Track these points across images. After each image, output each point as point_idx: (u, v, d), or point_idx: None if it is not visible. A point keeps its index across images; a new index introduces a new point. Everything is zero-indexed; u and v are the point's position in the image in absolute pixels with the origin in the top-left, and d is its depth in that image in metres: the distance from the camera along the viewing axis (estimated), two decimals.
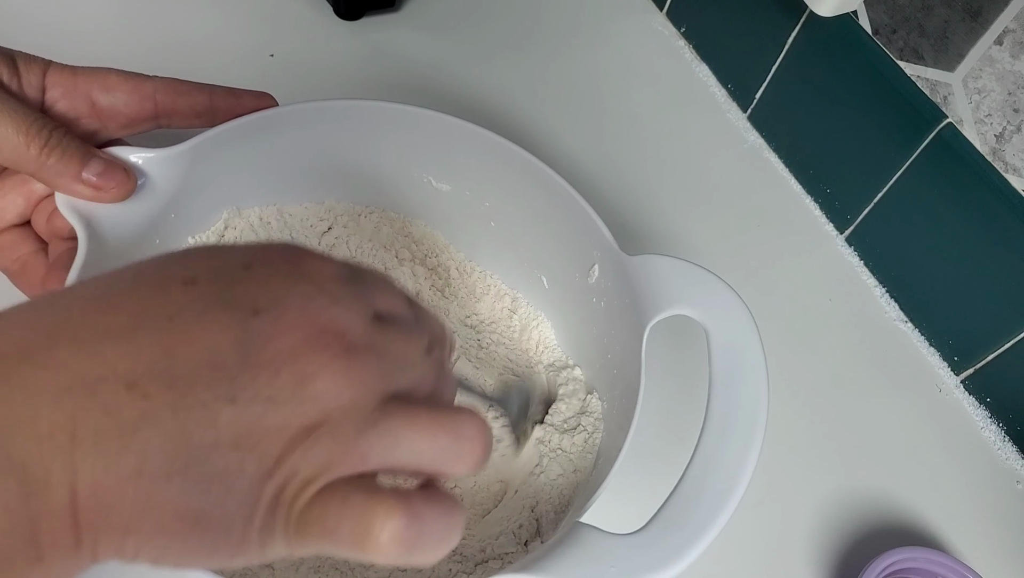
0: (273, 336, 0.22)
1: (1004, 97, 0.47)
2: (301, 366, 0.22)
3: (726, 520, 0.33)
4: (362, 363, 0.22)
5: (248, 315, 0.22)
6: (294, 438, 0.21)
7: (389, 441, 0.23)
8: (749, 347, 0.37)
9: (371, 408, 0.22)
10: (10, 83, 0.37)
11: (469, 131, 0.44)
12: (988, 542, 0.48)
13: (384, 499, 0.22)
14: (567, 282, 0.45)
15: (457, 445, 0.24)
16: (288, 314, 0.22)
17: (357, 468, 0.22)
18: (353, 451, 0.22)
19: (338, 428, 0.22)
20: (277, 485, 0.21)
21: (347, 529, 0.22)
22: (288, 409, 0.21)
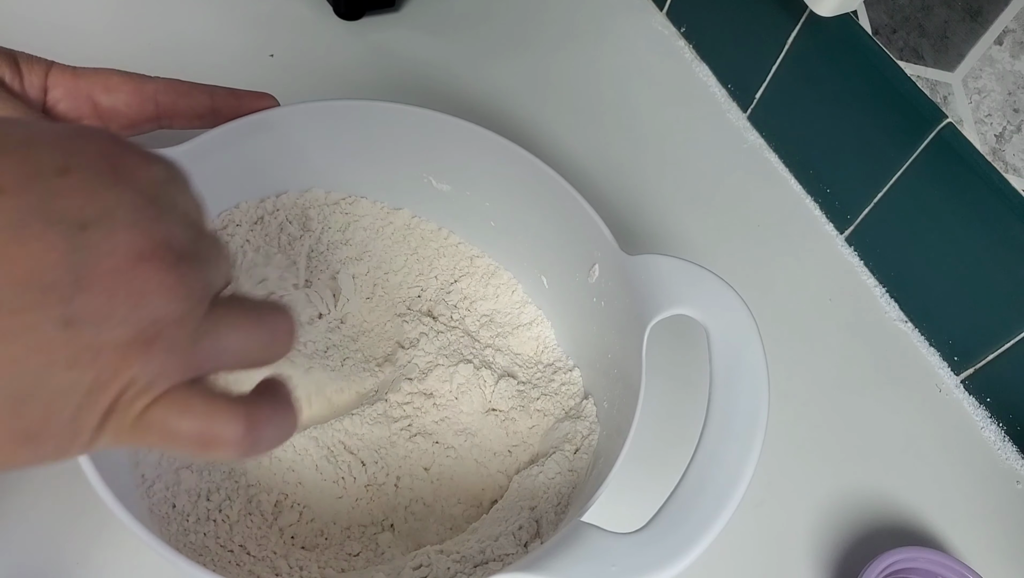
0: (106, 252, 0.21)
1: (1004, 97, 0.47)
2: (138, 283, 0.21)
3: (727, 520, 0.33)
4: (193, 274, 0.23)
5: (76, 229, 0.21)
6: (130, 351, 0.22)
7: (219, 346, 0.24)
8: (750, 347, 0.37)
9: (201, 315, 0.23)
10: (12, 84, 0.37)
11: (469, 131, 0.44)
12: (988, 542, 0.48)
13: (224, 406, 0.23)
14: (567, 282, 0.45)
15: (274, 339, 0.26)
16: (119, 229, 0.21)
17: (192, 374, 0.23)
18: (189, 360, 0.23)
19: (174, 339, 0.22)
20: (112, 396, 0.22)
21: (189, 434, 0.23)
22: (125, 327, 0.21)
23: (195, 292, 0.23)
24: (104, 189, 0.22)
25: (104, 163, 0.22)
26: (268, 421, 0.24)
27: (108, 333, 0.21)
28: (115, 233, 0.21)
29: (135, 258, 0.21)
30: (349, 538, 0.40)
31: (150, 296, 0.22)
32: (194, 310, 0.23)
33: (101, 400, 0.22)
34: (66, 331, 0.20)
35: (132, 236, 0.21)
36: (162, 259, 0.22)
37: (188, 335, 0.23)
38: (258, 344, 0.25)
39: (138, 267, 0.21)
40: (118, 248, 0.21)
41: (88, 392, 0.21)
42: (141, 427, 0.23)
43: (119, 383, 0.22)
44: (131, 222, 0.22)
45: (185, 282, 0.22)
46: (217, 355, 0.24)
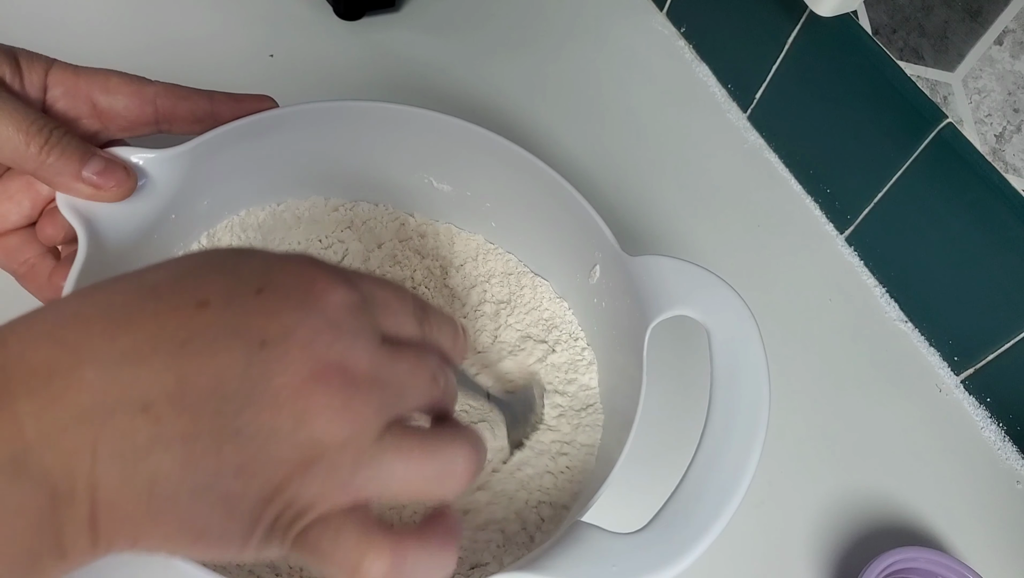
0: (278, 372, 0.22)
1: (1004, 97, 0.47)
2: (302, 403, 0.22)
3: (727, 520, 0.33)
4: (363, 399, 0.23)
5: (256, 347, 0.22)
6: (292, 470, 0.22)
7: (382, 476, 0.24)
8: (750, 347, 0.37)
9: (368, 443, 0.23)
10: (12, 82, 0.37)
11: (470, 131, 0.44)
12: (988, 542, 0.48)
13: (374, 538, 0.24)
14: (569, 283, 0.45)
15: (444, 475, 0.25)
16: (294, 349, 0.23)
17: (351, 500, 0.24)
18: (348, 486, 0.23)
19: (335, 464, 0.23)
20: (275, 511, 0.23)
21: (338, 560, 0.23)
22: (288, 444, 0.22)
23: (363, 418, 0.23)
24: (289, 310, 0.23)
25: (295, 286, 0.24)
26: (417, 558, 0.24)
27: (272, 449, 0.22)
28: (289, 353, 0.23)
29: (305, 377, 0.22)
30: None
31: (313, 418, 0.22)
32: (359, 435, 0.23)
33: (265, 513, 0.23)
34: (235, 440, 0.22)
35: (303, 357, 0.23)
36: (330, 383, 0.23)
37: (350, 462, 0.23)
38: (426, 478, 0.25)
39: (305, 388, 0.22)
40: (289, 367, 0.22)
41: (254, 503, 0.22)
42: (300, 544, 0.23)
43: (281, 500, 0.23)
44: (306, 343, 0.23)
45: (352, 407, 0.23)
46: (379, 483, 0.24)
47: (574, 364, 0.45)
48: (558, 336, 0.46)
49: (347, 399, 0.23)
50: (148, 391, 0.22)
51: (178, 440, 0.22)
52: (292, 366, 0.22)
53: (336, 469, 0.23)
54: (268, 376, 0.22)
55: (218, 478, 0.22)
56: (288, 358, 0.22)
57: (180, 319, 0.22)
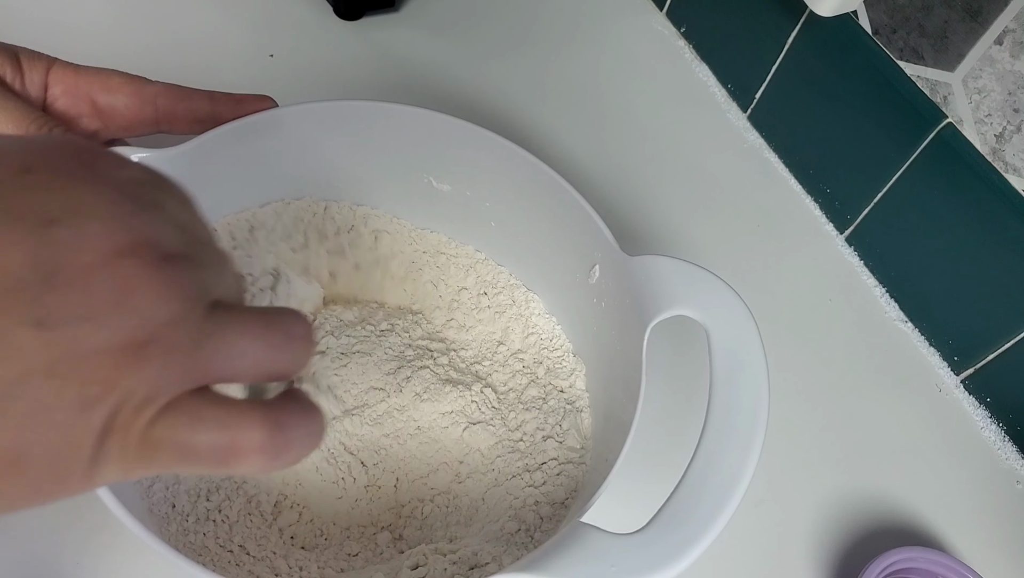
0: (79, 248, 0.19)
1: (1004, 97, 0.47)
2: (117, 279, 0.19)
3: (727, 520, 0.33)
4: (183, 271, 0.21)
5: (43, 226, 0.19)
6: (120, 358, 0.19)
7: (226, 349, 0.21)
8: (750, 347, 0.37)
9: (200, 318, 0.21)
10: (13, 80, 0.37)
11: (469, 131, 0.44)
12: (988, 542, 0.48)
13: (242, 411, 0.21)
14: (568, 282, 0.45)
15: (289, 344, 0.23)
16: (92, 223, 0.19)
17: (198, 381, 0.21)
18: (193, 365, 0.21)
19: (171, 343, 0.20)
20: (108, 411, 0.20)
21: (205, 445, 0.21)
22: (109, 329, 0.19)
23: (188, 293, 0.21)
24: (74, 185, 0.20)
25: (74, 162, 0.21)
26: (293, 422, 0.22)
27: (91, 336, 0.19)
28: (87, 227, 0.19)
29: (113, 253, 0.19)
30: (348, 538, 0.40)
31: (134, 295, 0.20)
32: (190, 312, 0.20)
33: (94, 416, 0.19)
34: (39, 333, 0.18)
35: (108, 231, 0.20)
36: (144, 256, 0.20)
37: (187, 338, 0.20)
38: (272, 348, 0.22)
39: (117, 264, 0.19)
40: (92, 243, 0.19)
41: (77, 407, 0.19)
42: (149, 446, 0.20)
43: (114, 396, 0.19)
44: (105, 216, 0.20)
45: (175, 280, 0.20)
46: (225, 359, 0.21)
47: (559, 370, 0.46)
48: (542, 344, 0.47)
49: (167, 275, 0.20)
50: None
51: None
52: (94, 241, 0.19)
53: (173, 348, 0.20)
54: (67, 256, 0.19)
55: (24, 384, 0.18)
56: (86, 233, 0.19)
57: None
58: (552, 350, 0.47)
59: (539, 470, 0.42)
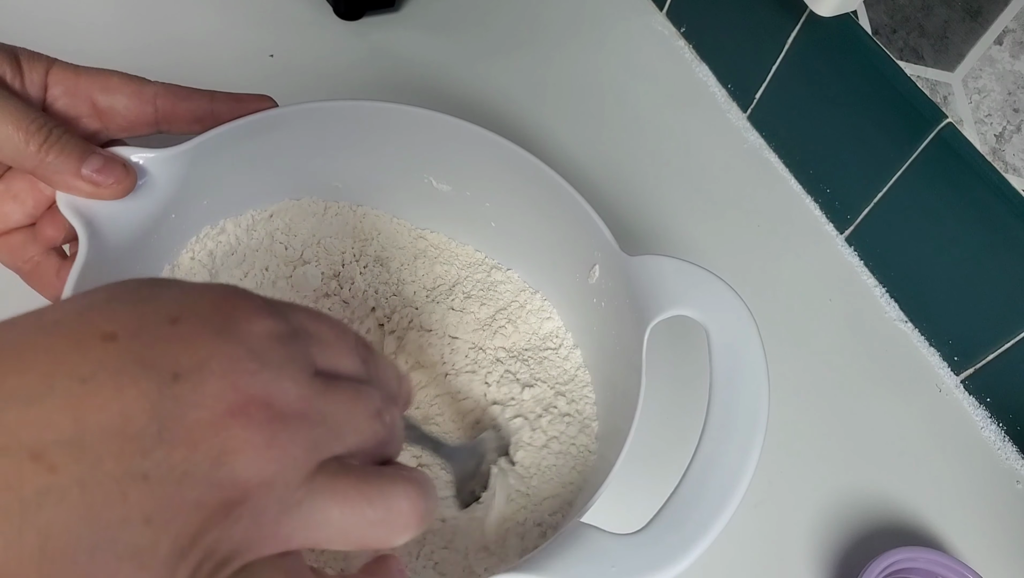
0: (192, 405, 0.20)
1: (1004, 97, 0.47)
2: (220, 439, 0.20)
3: (727, 520, 0.33)
4: (289, 434, 0.21)
5: (168, 380, 0.20)
6: (211, 516, 0.20)
7: (314, 520, 0.21)
8: (750, 347, 0.37)
9: (297, 484, 0.21)
10: (12, 81, 0.37)
11: (469, 131, 0.44)
12: (988, 542, 0.48)
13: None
14: (568, 282, 0.45)
15: (387, 520, 0.23)
16: (211, 381, 0.20)
17: (279, 548, 0.21)
18: (276, 531, 0.21)
19: (260, 507, 0.20)
20: (193, 563, 0.20)
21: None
22: (205, 486, 0.20)
23: (290, 456, 0.21)
24: (206, 339, 0.21)
25: (215, 314, 0.21)
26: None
27: (187, 491, 0.19)
28: (205, 385, 0.20)
29: (223, 412, 0.20)
30: None
31: (233, 455, 0.20)
32: (286, 474, 0.21)
33: (181, 567, 0.20)
34: (144, 485, 0.19)
35: (221, 389, 0.20)
36: (251, 416, 0.20)
37: (277, 504, 0.21)
38: (366, 523, 0.22)
39: (224, 422, 0.20)
40: (205, 401, 0.20)
41: (168, 556, 0.20)
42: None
43: (199, 550, 0.20)
44: (223, 374, 0.20)
45: (277, 443, 0.20)
46: (311, 529, 0.21)
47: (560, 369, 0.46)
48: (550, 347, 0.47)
49: (272, 434, 0.20)
50: (39, 435, 0.19)
51: (75, 488, 0.19)
52: (208, 399, 0.20)
53: (261, 513, 0.20)
54: (181, 411, 0.20)
55: (123, 529, 0.19)
56: (203, 390, 0.20)
57: (82, 353, 0.20)
58: (554, 350, 0.47)
59: (539, 471, 0.42)
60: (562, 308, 0.47)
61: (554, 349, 0.47)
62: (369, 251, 0.48)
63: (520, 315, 0.47)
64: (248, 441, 0.20)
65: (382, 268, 0.48)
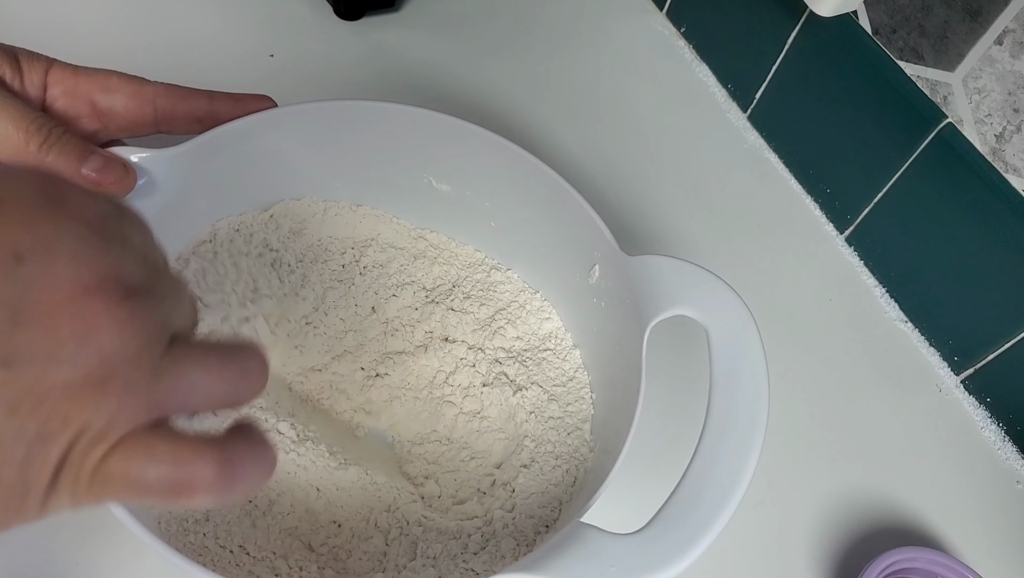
0: (47, 286, 0.19)
1: (1004, 97, 0.47)
2: (83, 318, 0.20)
3: (727, 520, 0.33)
4: (145, 309, 0.21)
5: (11, 262, 0.19)
6: (80, 394, 0.20)
7: (183, 385, 0.22)
8: (750, 347, 0.37)
9: (160, 354, 0.21)
10: (12, 81, 0.37)
11: (469, 131, 0.44)
12: (988, 542, 0.48)
13: (193, 446, 0.21)
14: (568, 282, 0.45)
15: (244, 378, 0.24)
16: (60, 259, 0.20)
17: (153, 416, 0.21)
18: (148, 401, 0.21)
19: (130, 378, 0.20)
20: (64, 445, 0.20)
21: (156, 480, 0.21)
22: (72, 365, 0.20)
23: (150, 328, 0.21)
24: (42, 220, 0.20)
25: (42, 195, 0.21)
26: (243, 459, 0.22)
27: (54, 374, 0.19)
28: (55, 264, 0.20)
29: (79, 291, 0.20)
30: (349, 539, 0.40)
31: (98, 332, 0.20)
32: (150, 347, 0.21)
33: (52, 450, 0.20)
34: (5, 372, 0.19)
35: (75, 267, 0.20)
36: (110, 292, 0.20)
37: (146, 374, 0.21)
38: (226, 382, 0.23)
39: (83, 300, 0.20)
40: (59, 280, 0.20)
41: (36, 441, 0.20)
42: (101, 479, 0.21)
43: (71, 430, 0.20)
44: (73, 253, 0.20)
45: (138, 317, 0.21)
46: (181, 395, 0.22)
47: (560, 369, 0.46)
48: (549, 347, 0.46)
49: (131, 310, 0.20)
50: None
51: None
52: (62, 278, 0.20)
53: (131, 384, 0.20)
54: (34, 292, 0.19)
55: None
56: (55, 270, 0.20)
57: None
58: (552, 351, 0.47)
59: (539, 471, 0.42)
60: (562, 308, 0.47)
61: (553, 349, 0.47)
62: (369, 251, 0.48)
63: (520, 315, 0.47)
64: (112, 317, 0.20)
65: (382, 268, 0.48)
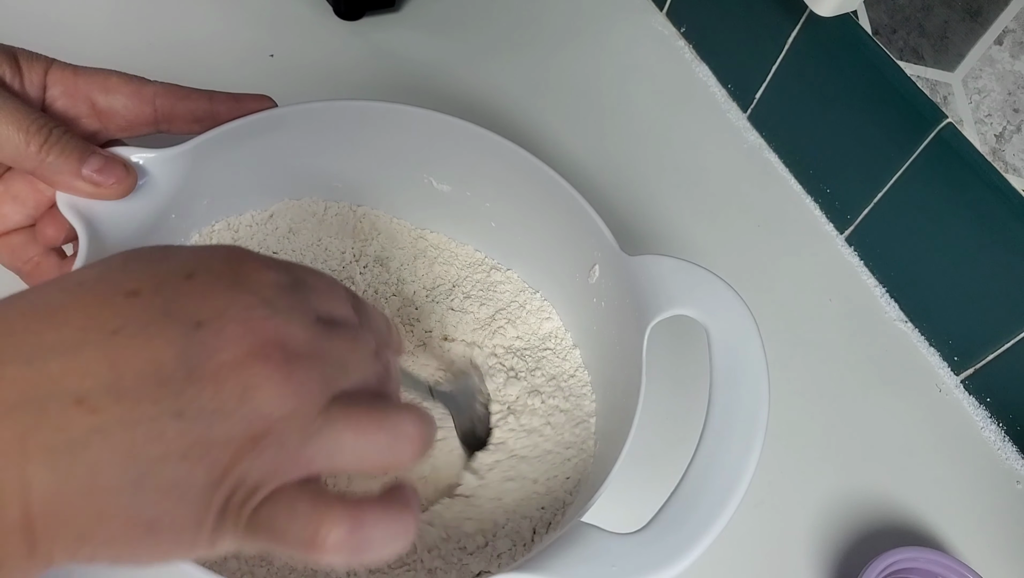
0: (215, 349, 0.22)
1: (1004, 97, 0.47)
2: (244, 378, 0.22)
3: (727, 520, 0.33)
4: (304, 371, 0.23)
5: (191, 328, 0.22)
6: (241, 448, 0.22)
7: (332, 447, 0.24)
8: (750, 347, 0.37)
9: (314, 415, 0.23)
10: (12, 81, 0.37)
11: (470, 131, 0.44)
12: (988, 542, 0.48)
13: (329, 506, 0.23)
14: (568, 282, 0.45)
15: (396, 443, 0.25)
16: (229, 326, 0.23)
17: (302, 473, 0.23)
18: (298, 459, 0.23)
19: (283, 437, 0.23)
20: (226, 493, 0.22)
21: (294, 534, 0.23)
22: (233, 421, 0.22)
23: (306, 391, 0.23)
24: (220, 292, 0.23)
25: (226, 269, 0.24)
26: (375, 523, 0.24)
27: (219, 427, 0.22)
28: (225, 330, 0.23)
29: (243, 354, 0.22)
30: None
31: (256, 392, 0.22)
32: (304, 407, 0.23)
33: (216, 496, 0.22)
34: (179, 423, 0.21)
35: (240, 333, 0.23)
36: (269, 356, 0.23)
37: (298, 434, 0.23)
38: (377, 446, 0.25)
39: (245, 362, 0.22)
40: (227, 345, 0.22)
41: (204, 487, 0.22)
42: (253, 527, 0.23)
43: (231, 480, 0.22)
44: (240, 320, 0.23)
45: (295, 378, 0.23)
46: (329, 455, 0.24)
47: (561, 369, 0.46)
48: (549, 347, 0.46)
49: (289, 371, 0.23)
50: (81, 383, 0.21)
51: (117, 428, 0.21)
52: (230, 343, 0.22)
53: (284, 442, 0.23)
54: (207, 355, 0.22)
55: (164, 464, 0.21)
56: (225, 335, 0.22)
57: (110, 308, 0.22)
58: (553, 350, 0.47)
59: (539, 471, 0.42)
60: (562, 308, 0.47)
61: (553, 349, 0.47)
62: (369, 251, 0.48)
63: (520, 315, 0.47)
64: (269, 378, 0.22)
65: (382, 268, 0.48)
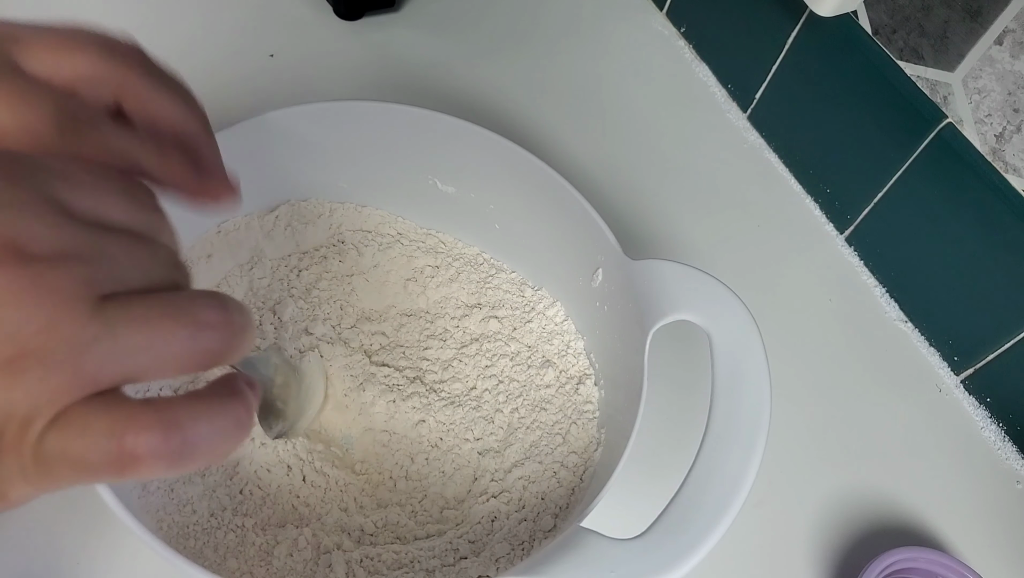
0: None
1: (1004, 97, 0.47)
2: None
3: (727, 526, 0.33)
4: (53, 273, 0.19)
5: None
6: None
7: (120, 352, 0.19)
8: (752, 353, 0.37)
9: (84, 321, 0.19)
10: None
11: (474, 133, 0.44)
12: (988, 542, 0.48)
13: (132, 412, 0.19)
14: (571, 286, 0.45)
15: (199, 334, 0.20)
16: None
17: (89, 389, 0.19)
18: (78, 373, 0.19)
19: (45, 353, 0.18)
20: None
21: (96, 454, 0.19)
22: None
23: (61, 294, 0.19)
24: None
25: None
26: (195, 421, 0.20)
27: None
28: None
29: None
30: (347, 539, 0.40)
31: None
32: (64, 314, 0.19)
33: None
34: None
35: None
36: (4, 263, 0.18)
37: (65, 344, 0.19)
38: (177, 342, 0.20)
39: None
40: None
41: None
42: (44, 462, 0.19)
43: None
44: None
45: (42, 284, 0.18)
46: (120, 362, 0.19)
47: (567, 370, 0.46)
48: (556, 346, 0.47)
49: (33, 277, 0.18)
50: None
51: None
52: None
53: (49, 358, 0.18)
54: None
55: None
56: None
57: None
58: (561, 352, 0.46)
59: (540, 474, 0.42)
60: (564, 310, 0.47)
61: (560, 354, 0.47)
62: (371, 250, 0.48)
63: (523, 315, 0.47)
64: (7, 289, 0.18)
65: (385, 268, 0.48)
